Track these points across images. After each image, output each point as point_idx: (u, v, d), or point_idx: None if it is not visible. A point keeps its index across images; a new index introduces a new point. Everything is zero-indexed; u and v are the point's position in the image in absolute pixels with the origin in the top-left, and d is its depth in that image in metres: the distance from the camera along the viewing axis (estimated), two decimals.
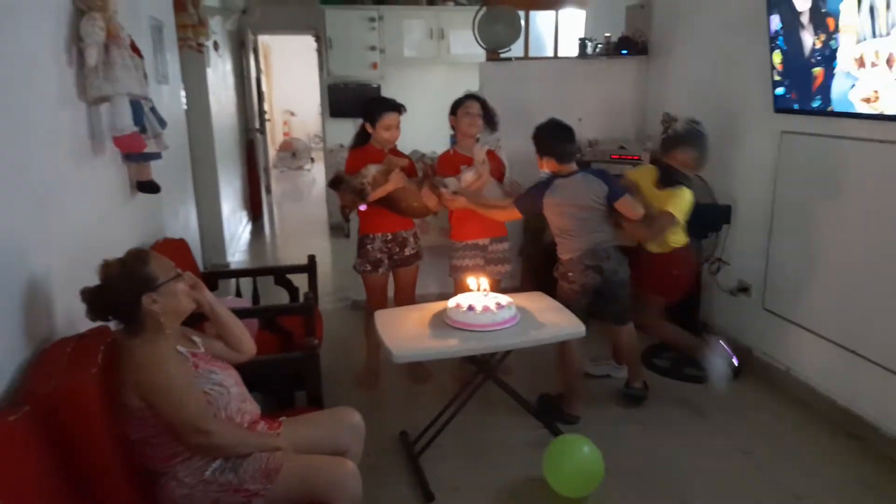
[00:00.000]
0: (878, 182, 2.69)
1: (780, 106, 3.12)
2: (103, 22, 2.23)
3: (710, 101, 3.82)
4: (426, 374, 3.44)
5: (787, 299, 3.26)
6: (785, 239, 3.26)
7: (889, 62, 2.47)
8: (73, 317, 1.91)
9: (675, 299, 3.20)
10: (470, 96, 3.29)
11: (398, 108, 3.12)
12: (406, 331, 2.47)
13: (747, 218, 3.50)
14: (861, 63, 2.59)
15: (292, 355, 2.26)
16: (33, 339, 1.74)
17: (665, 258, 3.09)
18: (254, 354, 2.05)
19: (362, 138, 3.18)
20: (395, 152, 3.20)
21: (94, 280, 1.75)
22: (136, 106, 2.50)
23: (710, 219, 3.34)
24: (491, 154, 3.27)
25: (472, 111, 3.20)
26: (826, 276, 3.00)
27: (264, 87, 9.22)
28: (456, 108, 3.26)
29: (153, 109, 2.76)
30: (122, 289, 1.73)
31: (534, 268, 4.50)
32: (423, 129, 5.09)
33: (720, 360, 3.00)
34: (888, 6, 2.41)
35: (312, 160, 12.35)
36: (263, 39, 9.34)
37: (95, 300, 1.75)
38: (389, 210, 3.08)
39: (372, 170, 2.97)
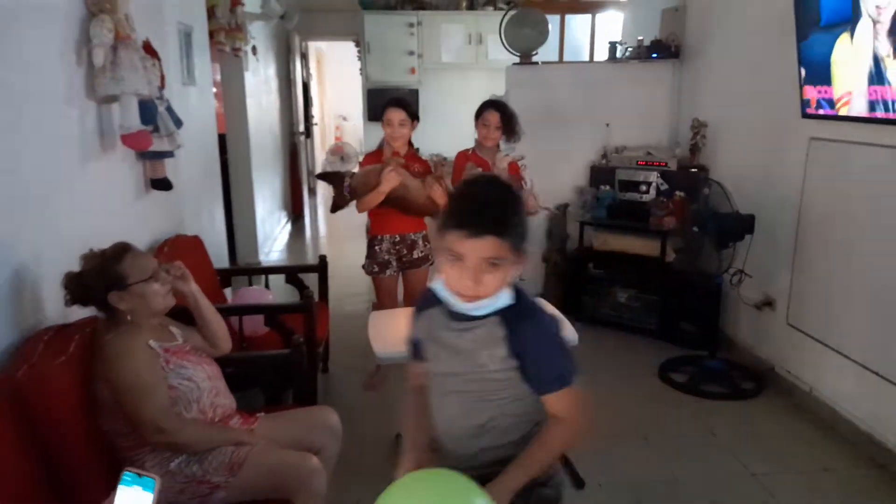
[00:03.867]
0: None
1: (808, 111, 2.96)
2: (112, 24, 2.32)
3: (740, 106, 3.66)
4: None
5: (813, 315, 3.08)
6: (812, 251, 3.08)
7: None
8: (68, 308, 1.99)
9: None
10: (491, 104, 3.24)
11: (400, 104, 3.10)
12: (395, 332, 2.45)
13: (772, 228, 3.33)
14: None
15: (277, 352, 2.28)
16: (20, 326, 1.82)
17: None
18: (228, 350, 2.09)
19: (383, 141, 3.21)
20: (413, 156, 3.19)
21: None
22: (148, 105, 2.59)
23: (730, 228, 3.19)
24: (513, 167, 3.22)
25: (490, 123, 3.16)
26: (855, 293, 2.81)
27: (315, 93, 9.43)
28: (477, 115, 3.23)
29: (169, 109, 2.86)
30: (92, 282, 1.78)
31: (557, 273, 4.42)
32: (459, 134, 5.09)
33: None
34: None
35: (360, 164, 12.50)
36: (317, 46, 9.53)
37: (70, 286, 1.80)
38: (397, 209, 3.08)
39: (370, 169, 2.98)
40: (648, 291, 4.01)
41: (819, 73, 2.82)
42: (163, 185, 2.92)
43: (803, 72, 2.92)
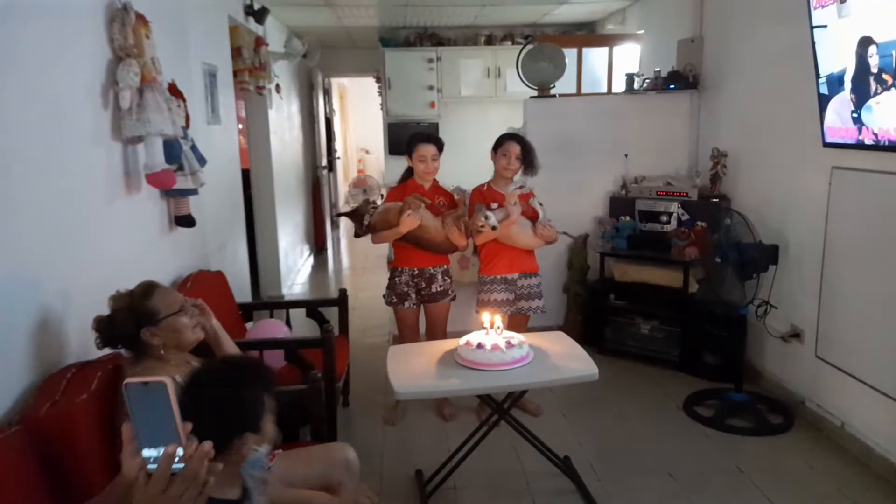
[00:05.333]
0: None
1: (830, 140, 2.93)
2: (138, 67, 2.40)
3: (760, 135, 3.64)
4: (453, 411, 3.38)
5: (843, 347, 3.00)
6: (839, 282, 3.02)
7: None
8: (91, 344, 2.03)
9: None
10: (511, 136, 3.26)
11: (432, 140, 3.16)
12: (414, 367, 2.45)
13: (797, 259, 3.27)
14: None
15: (294, 388, 2.28)
16: (44, 363, 1.85)
17: None
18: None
19: (408, 173, 3.25)
20: (437, 188, 3.22)
21: None
22: (173, 144, 2.67)
23: (753, 258, 3.14)
24: (523, 197, 3.22)
25: (511, 154, 3.18)
26: (886, 324, 2.74)
27: (338, 127, 9.60)
28: (497, 147, 3.26)
29: (193, 148, 2.94)
30: (124, 321, 1.82)
31: (578, 305, 4.39)
32: (479, 167, 5.13)
33: None
34: None
35: (382, 196, 12.65)
36: (340, 81, 9.73)
37: (102, 329, 1.85)
38: (414, 246, 3.10)
39: (391, 206, 3.01)
40: (670, 323, 3.95)
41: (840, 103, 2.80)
42: (187, 221, 2.98)
43: (822, 102, 2.90)
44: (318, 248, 7.97)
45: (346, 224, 10.57)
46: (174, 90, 2.81)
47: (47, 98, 1.94)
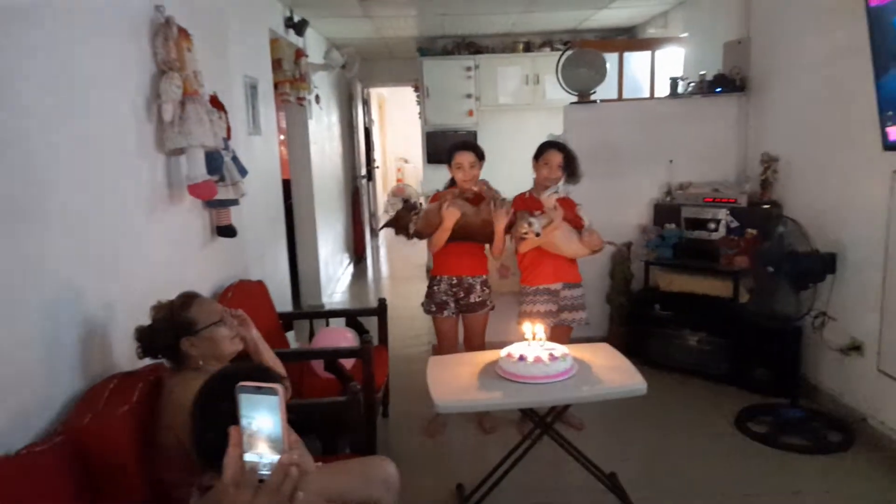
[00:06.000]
0: None
1: (891, 143, 2.78)
2: (181, 80, 2.43)
3: (813, 138, 3.49)
4: (494, 424, 3.31)
5: None
6: None
7: None
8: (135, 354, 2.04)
9: None
10: (553, 144, 3.20)
11: (469, 147, 3.12)
12: (454, 379, 2.40)
13: (857, 268, 3.11)
14: None
15: (332, 400, 2.25)
16: (88, 373, 1.87)
17: None
18: (288, 398, 2.06)
19: (451, 183, 3.22)
20: (478, 196, 3.18)
21: None
22: (215, 156, 2.69)
23: (808, 268, 3.00)
24: (563, 201, 3.15)
25: (552, 162, 3.11)
26: None
27: (377, 136, 9.68)
28: (538, 155, 3.20)
29: (234, 159, 2.96)
30: (164, 331, 1.82)
31: (622, 315, 4.27)
32: (518, 174, 5.07)
33: None
34: None
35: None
36: (379, 91, 9.83)
37: (143, 339, 1.86)
38: (458, 238, 3.04)
39: (431, 208, 2.99)
40: (719, 334, 3.81)
41: None
42: (228, 231, 3.01)
43: (884, 104, 2.75)
44: (358, 257, 8.01)
45: (385, 232, 10.62)
46: (216, 102, 2.84)
47: (94, 112, 1.97)
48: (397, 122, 13.69)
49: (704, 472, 2.90)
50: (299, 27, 4.87)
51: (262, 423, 0.88)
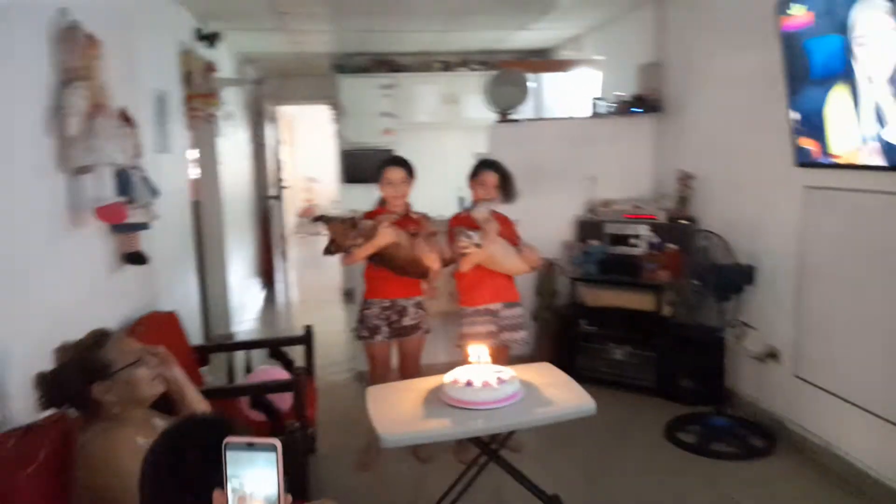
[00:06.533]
0: None
1: (802, 160, 2.95)
2: (87, 91, 2.19)
3: (727, 156, 3.66)
4: (430, 453, 3.19)
5: (822, 366, 2.98)
6: (816, 301, 3.01)
7: None
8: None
9: None
10: (488, 164, 3.15)
11: (400, 163, 3.02)
12: (398, 409, 2.27)
13: (772, 278, 3.27)
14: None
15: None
16: None
17: None
18: None
19: (382, 203, 3.09)
20: (411, 218, 3.07)
21: None
22: (124, 175, 2.44)
23: (731, 280, 3.12)
24: (497, 217, 3.10)
25: (488, 183, 3.07)
26: (867, 342, 2.73)
27: (285, 155, 9.37)
28: (474, 175, 3.14)
29: (144, 178, 2.70)
30: (72, 376, 1.59)
31: (549, 333, 4.29)
32: (436, 194, 5.02)
33: None
34: None
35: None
36: (287, 110, 9.56)
37: (46, 387, 1.60)
38: (387, 268, 2.93)
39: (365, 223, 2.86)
40: (645, 347, 3.89)
41: (812, 123, 2.82)
42: (137, 259, 2.74)
43: (796, 123, 2.91)
44: (269, 281, 7.66)
45: (298, 254, 10.24)
46: (125, 117, 2.58)
47: None
48: (305, 141, 13.41)
49: (643, 486, 2.92)
50: (211, 39, 4.61)
51: (257, 484, 0.74)
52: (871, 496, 2.70)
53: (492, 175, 3.05)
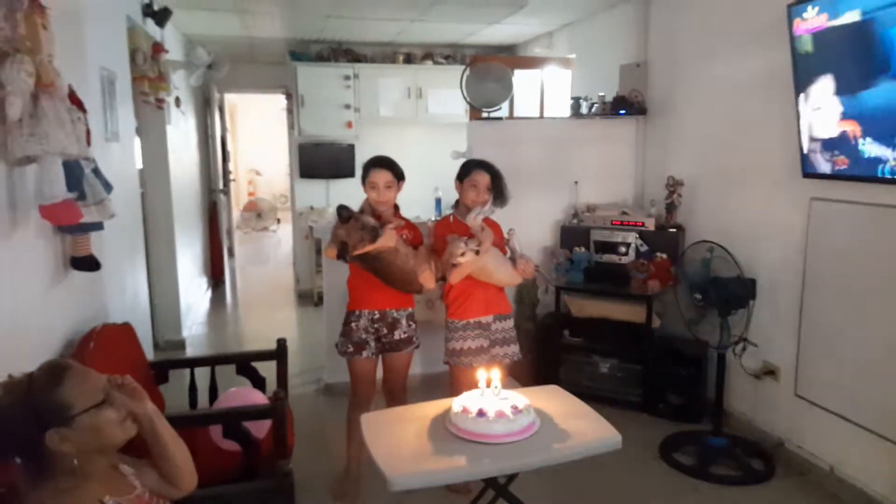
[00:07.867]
0: None
1: (809, 170, 2.84)
2: (33, 67, 1.80)
3: (721, 163, 3.54)
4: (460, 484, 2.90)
5: (826, 386, 2.88)
6: (819, 317, 2.91)
7: None
8: None
9: None
10: (480, 164, 2.88)
11: (386, 165, 2.73)
12: (402, 444, 1.99)
13: (771, 293, 3.16)
14: None
15: (257, 485, 1.75)
16: None
17: None
18: (192, 490, 1.55)
19: (364, 206, 2.79)
20: (404, 223, 2.80)
21: None
22: (74, 168, 2.07)
23: (735, 294, 2.98)
24: (489, 224, 2.86)
25: (480, 184, 2.80)
26: (873, 360, 2.64)
27: (230, 146, 8.86)
28: (463, 176, 2.87)
29: (96, 171, 2.32)
30: (19, 423, 1.25)
31: (530, 344, 4.07)
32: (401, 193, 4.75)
33: None
34: None
35: (279, 221, 11.91)
36: (229, 98, 9.04)
37: None
38: (377, 275, 2.64)
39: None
40: (631, 360, 3.74)
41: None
42: (87, 264, 2.35)
43: (806, 131, 2.80)
44: (216, 280, 7.18)
45: (244, 251, 9.70)
46: (74, 99, 2.19)
47: None
48: (248, 132, 12.84)
49: None
50: (160, 17, 4.16)
51: None
52: None
53: (484, 175, 2.80)
